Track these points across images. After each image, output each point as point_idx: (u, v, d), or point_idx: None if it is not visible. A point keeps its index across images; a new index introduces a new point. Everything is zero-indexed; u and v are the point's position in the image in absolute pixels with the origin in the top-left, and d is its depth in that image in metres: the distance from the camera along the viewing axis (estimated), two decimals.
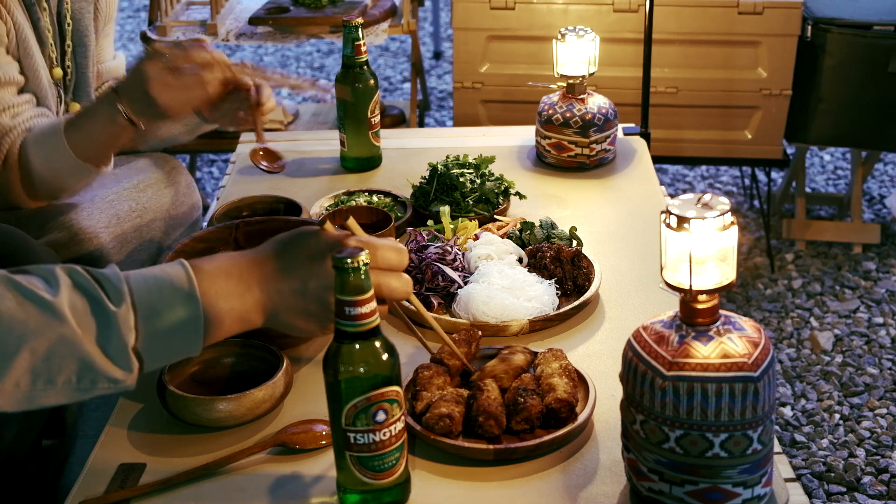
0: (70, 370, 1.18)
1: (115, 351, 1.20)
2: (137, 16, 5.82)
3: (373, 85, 2.14)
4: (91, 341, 1.18)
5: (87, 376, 1.19)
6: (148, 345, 1.22)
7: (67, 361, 1.17)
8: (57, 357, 1.17)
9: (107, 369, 1.20)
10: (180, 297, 1.23)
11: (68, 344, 1.17)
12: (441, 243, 1.79)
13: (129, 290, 1.21)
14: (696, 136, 3.21)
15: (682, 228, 1.18)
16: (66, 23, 1.88)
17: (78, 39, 1.90)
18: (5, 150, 1.77)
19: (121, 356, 1.20)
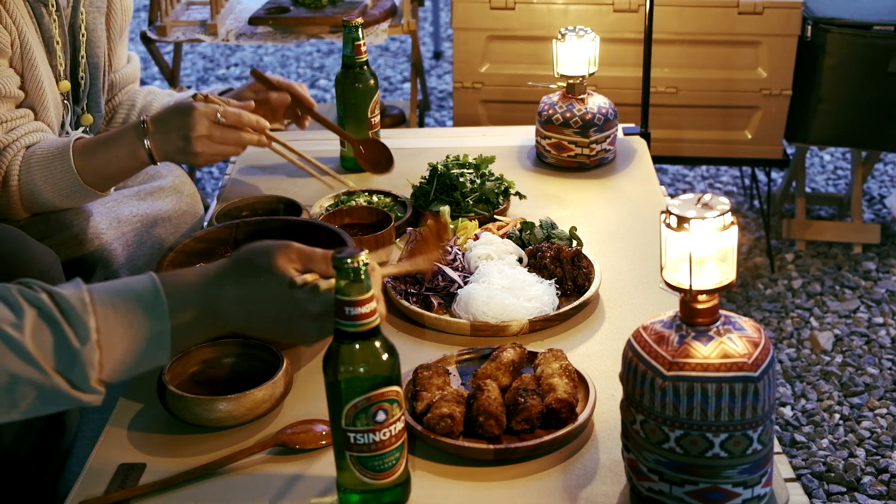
0: (32, 397, 1.18)
1: (80, 382, 1.19)
2: (137, 16, 5.82)
3: (373, 85, 2.14)
4: (56, 373, 1.18)
5: (51, 401, 1.19)
6: (114, 374, 1.22)
7: (30, 391, 1.17)
8: (20, 387, 1.16)
9: (71, 396, 1.19)
10: (149, 319, 1.21)
11: (32, 377, 1.17)
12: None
13: (95, 324, 1.19)
14: (696, 136, 3.21)
15: (682, 228, 1.18)
16: (80, 34, 1.87)
17: (91, 50, 1.89)
18: (4, 169, 1.74)
19: (85, 386, 1.20)
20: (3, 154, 1.74)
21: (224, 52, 5.25)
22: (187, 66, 5.07)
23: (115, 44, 1.97)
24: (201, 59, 5.18)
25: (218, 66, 5.09)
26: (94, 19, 1.89)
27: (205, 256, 1.69)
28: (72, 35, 1.86)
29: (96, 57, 1.91)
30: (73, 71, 1.88)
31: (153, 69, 5.04)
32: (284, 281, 1.24)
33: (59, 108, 1.85)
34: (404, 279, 1.73)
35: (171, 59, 3.63)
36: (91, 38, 1.89)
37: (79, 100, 1.91)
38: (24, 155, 1.75)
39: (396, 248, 1.87)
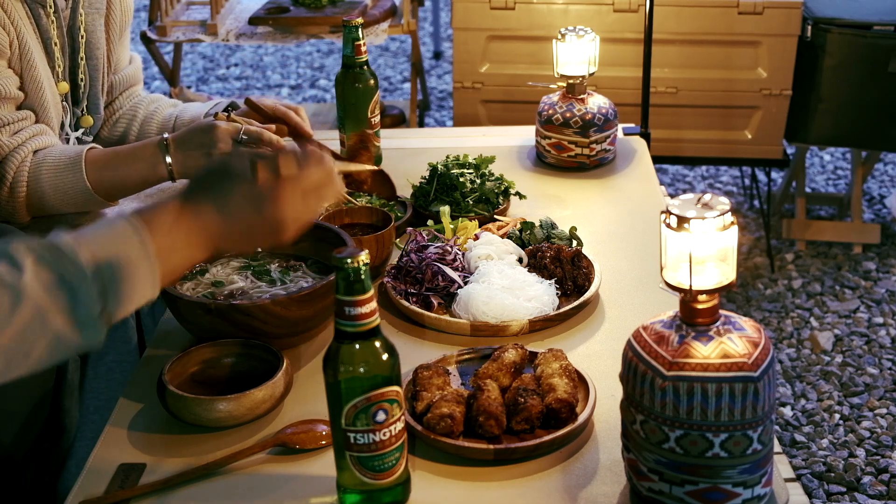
0: (41, 346, 1.18)
1: (84, 321, 1.18)
2: (137, 16, 5.82)
3: (373, 85, 2.14)
4: (60, 316, 1.17)
5: (58, 349, 1.19)
6: (113, 308, 1.20)
7: (39, 339, 1.17)
8: (29, 337, 1.16)
9: (77, 341, 1.19)
10: (135, 254, 1.21)
11: (38, 324, 1.16)
12: (441, 243, 1.79)
13: (88, 260, 1.19)
14: (696, 136, 3.21)
15: (682, 228, 1.18)
16: (79, 35, 1.86)
17: (90, 52, 1.89)
18: (12, 175, 1.73)
19: (89, 326, 1.19)
20: (11, 159, 1.73)
21: (224, 52, 5.26)
22: (187, 66, 5.07)
23: (115, 45, 1.97)
24: (201, 59, 5.18)
25: (218, 66, 5.10)
26: (92, 21, 1.89)
27: None
28: (70, 37, 1.86)
29: (95, 59, 1.90)
30: (72, 72, 1.88)
31: (153, 69, 5.04)
32: (248, 178, 1.26)
33: (58, 110, 1.84)
34: (404, 279, 1.73)
35: (171, 59, 3.63)
36: (90, 39, 1.88)
37: (78, 101, 1.91)
38: (32, 161, 1.75)
39: (397, 248, 1.87)
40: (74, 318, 1.18)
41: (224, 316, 1.50)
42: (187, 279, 1.65)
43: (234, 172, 1.28)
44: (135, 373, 1.59)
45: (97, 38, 1.90)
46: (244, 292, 1.61)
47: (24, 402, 1.62)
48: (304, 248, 1.71)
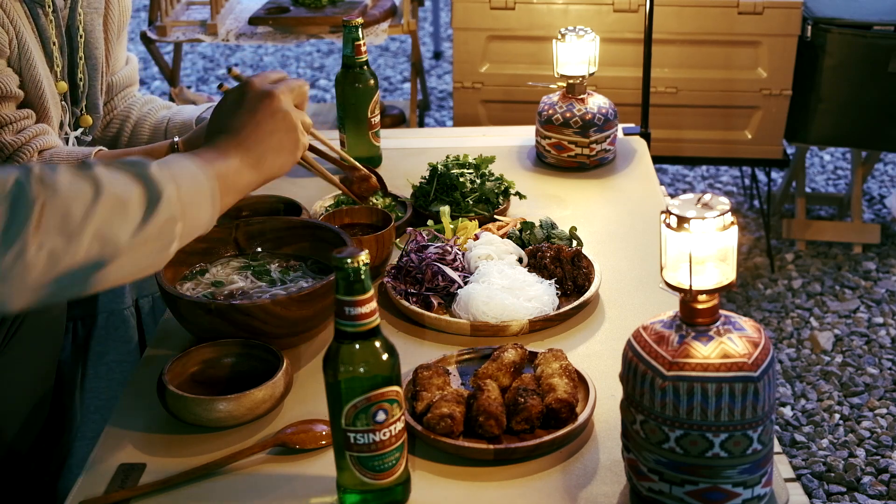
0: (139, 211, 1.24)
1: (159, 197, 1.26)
2: (137, 16, 5.82)
3: (373, 85, 2.14)
4: (137, 192, 1.25)
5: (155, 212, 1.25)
6: (185, 195, 1.29)
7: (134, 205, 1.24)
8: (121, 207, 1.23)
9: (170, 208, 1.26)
10: (187, 160, 1.33)
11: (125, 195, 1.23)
12: (441, 243, 1.79)
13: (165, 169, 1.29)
14: (696, 136, 3.21)
15: (682, 228, 1.18)
16: (78, 35, 1.86)
17: (88, 52, 1.89)
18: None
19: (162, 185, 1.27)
20: (16, 157, 1.73)
21: (224, 52, 5.26)
22: (187, 66, 5.07)
23: (113, 45, 1.97)
24: (201, 59, 5.18)
25: (218, 66, 5.10)
26: (91, 20, 1.89)
27: (205, 256, 1.69)
28: (69, 36, 1.86)
29: (94, 58, 1.90)
30: (70, 72, 1.88)
31: (153, 69, 5.04)
32: (223, 98, 1.46)
33: (58, 110, 1.84)
34: (404, 279, 1.73)
35: (171, 59, 3.63)
36: (89, 39, 1.88)
37: (77, 101, 1.91)
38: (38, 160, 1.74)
39: (397, 247, 1.87)
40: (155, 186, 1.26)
41: (224, 316, 1.50)
42: (187, 279, 1.65)
43: (227, 97, 1.46)
44: (135, 373, 1.59)
45: (95, 37, 1.90)
46: (244, 292, 1.61)
47: (26, 401, 1.62)
48: (304, 248, 1.71)
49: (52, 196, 1.19)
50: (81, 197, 1.20)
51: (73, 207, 1.19)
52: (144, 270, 1.28)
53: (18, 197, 1.18)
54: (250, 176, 1.40)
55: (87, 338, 1.87)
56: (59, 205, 1.19)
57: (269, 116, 1.42)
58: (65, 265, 1.19)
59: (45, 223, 1.18)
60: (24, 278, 1.17)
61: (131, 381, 1.57)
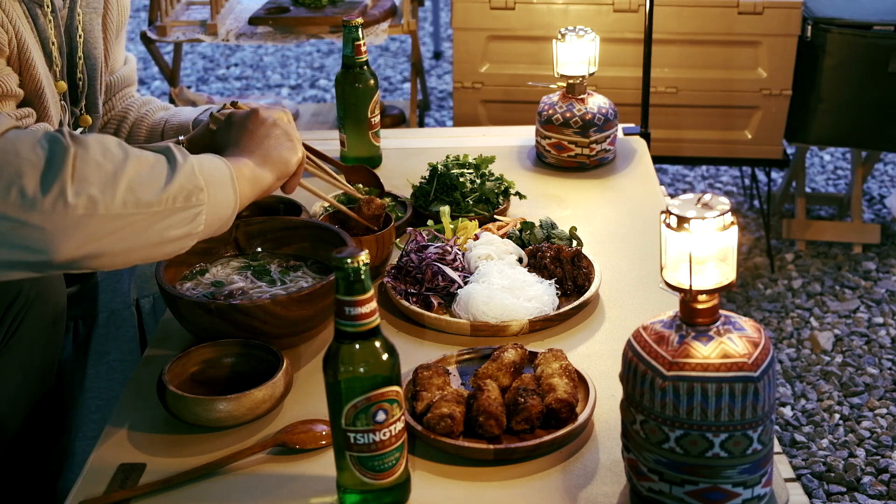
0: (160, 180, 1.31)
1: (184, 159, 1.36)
2: (137, 16, 5.82)
3: (373, 85, 2.14)
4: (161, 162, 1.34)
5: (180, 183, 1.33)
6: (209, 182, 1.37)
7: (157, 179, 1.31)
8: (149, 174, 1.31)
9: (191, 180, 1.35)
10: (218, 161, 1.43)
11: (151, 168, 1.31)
12: (441, 243, 1.79)
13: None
14: (696, 136, 3.21)
15: (682, 228, 1.18)
16: (77, 35, 1.86)
17: (87, 52, 1.89)
18: None
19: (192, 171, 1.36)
20: None
21: (224, 52, 5.25)
22: (187, 66, 5.07)
23: (112, 44, 1.96)
24: (201, 59, 5.18)
25: (218, 66, 5.10)
26: (90, 20, 1.88)
27: (205, 256, 1.69)
28: (68, 36, 1.85)
29: (93, 58, 1.90)
30: (70, 72, 1.87)
31: (153, 69, 5.04)
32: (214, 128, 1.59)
33: (57, 109, 1.84)
34: (404, 279, 1.73)
35: (171, 59, 3.63)
36: (88, 38, 1.88)
37: (77, 101, 1.90)
38: None
39: (397, 247, 1.87)
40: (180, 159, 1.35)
41: (224, 316, 1.50)
42: (187, 279, 1.65)
43: (218, 128, 1.59)
44: (135, 373, 1.59)
45: (94, 37, 1.90)
46: (244, 292, 1.61)
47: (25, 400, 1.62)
48: (304, 248, 1.71)
49: (83, 149, 1.25)
50: (110, 153, 1.28)
51: (104, 161, 1.26)
52: (177, 242, 1.35)
53: (54, 143, 1.24)
54: (262, 171, 1.50)
55: (88, 337, 1.87)
56: (91, 158, 1.25)
57: (258, 125, 1.55)
58: (103, 212, 1.25)
59: (80, 170, 1.23)
60: (65, 222, 1.21)
61: (131, 381, 1.57)
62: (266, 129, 1.55)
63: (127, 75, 2.07)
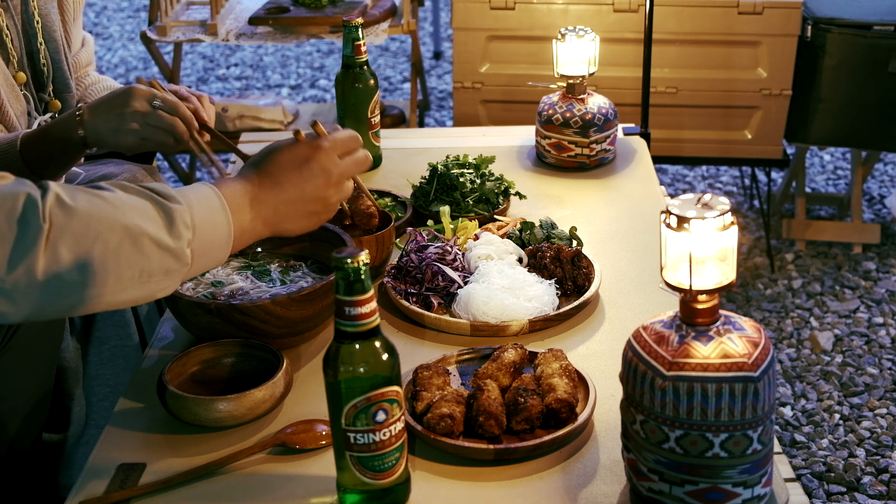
0: (132, 261, 1.23)
1: (174, 237, 1.25)
2: (137, 16, 5.82)
3: (373, 85, 2.14)
4: (155, 228, 1.24)
5: (147, 262, 1.24)
6: (200, 247, 1.29)
7: (136, 249, 1.23)
8: (125, 249, 1.22)
9: (168, 248, 1.25)
10: (218, 210, 1.32)
11: (133, 233, 1.23)
12: (441, 243, 1.79)
13: (182, 196, 1.29)
14: (696, 136, 3.21)
15: (682, 228, 1.18)
16: (35, 21, 1.85)
17: (48, 35, 1.88)
18: None
19: (179, 243, 1.26)
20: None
21: (224, 52, 5.26)
22: (187, 66, 5.07)
23: (70, 26, 1.96)
24: (201, 59, 5.18)
25: (218, 66, 5.10)
26: (45, 4, 1.87)
27: None
28: (26, 23, 1.84)
29: (54, 41, 1.89)
30: (33, 58, 1.86)
31: (153, 69, 5.04)
32: (291, 143, 1.40)
33: (19, 100, 1.82)
34: (404, 279, 1.73)
35: (171, 59, 3.64)
36: (45, 23, 1.87)
37: (44, 87, 1.89)
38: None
39: (397, 247, 1.87)
40: (170, 236, 1.25)
41: (224, 316, 1.50)
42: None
43: (277, 145, 1.41)
44: (135, 373, 1.59)
45: (52, 20, 1.88)
46: (244, 292, 1.61)
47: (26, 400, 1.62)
48: (304, 248, 1.71)
49: (60, 225, 1.19)
50: (92, 228, 1.21)
51: (83, 238, 1.20)
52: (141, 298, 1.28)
53: (28, 219, 1.18)
54: (262, 230, 1.39)
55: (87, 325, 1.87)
56: (69, 233, 1.19)
57: (310, 199, 1.40)
58: (75, 283, 1.20)
59: (53, 250, 1.18)
60: (30, 293, 1.18)
61: (131, 381, 1.57)
62: (310, 205, 1.40)
63: (84, 57, 2.06)
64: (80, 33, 2.05)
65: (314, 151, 1.39)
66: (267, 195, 1.37)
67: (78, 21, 2.00)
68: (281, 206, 1.38)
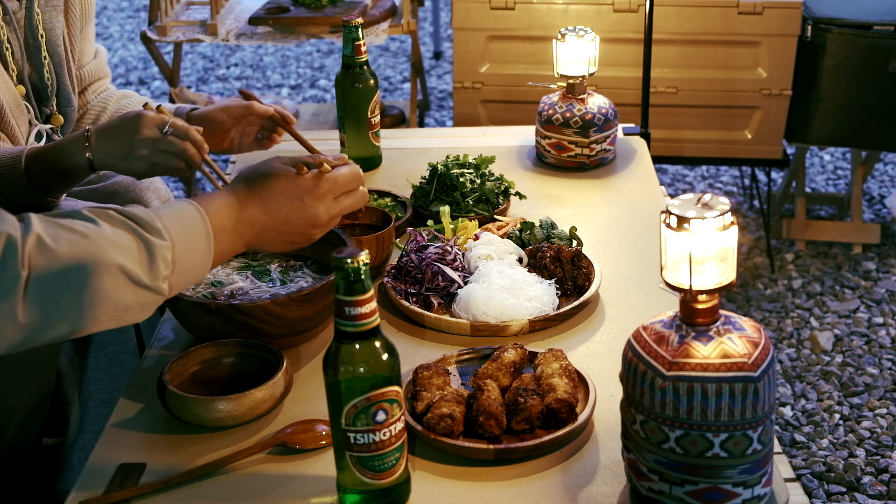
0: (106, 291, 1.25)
1: (152, 276, 1.29)
2: (137, 16, 5.82)
3: (373, 85, 2.14)
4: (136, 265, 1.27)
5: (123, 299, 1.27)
6: (179, 278, 1.33)
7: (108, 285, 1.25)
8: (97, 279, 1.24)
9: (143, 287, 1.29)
10: (201, 234, 1.35)
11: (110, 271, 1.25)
12: (441, 243, 1.79)
13: (165, 226, 1.31)
14: (696, 136, 3.21)
15: (682, 228, 1.18)
16: (38, 34, 1.84)
17: (52, 50, 1.87)
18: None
19: (156, 283, 1.29)
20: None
21: (224, 52, 5.25)
22: (187, 66, 5.07)
23: (77, 39, 1.94)
24: (201, 59, 5.18)
25: (218, 66, 5.10)
26: (50, 18, 1.86)
27: None
28: (30, 36, 1.83)
29: (58, 55, 1.87)
30: (37, 72, 1.85)
31: (153, 69, 5.04)
32: (291, 174, 1.44)
33: (21, 113, 1.81)
34: (404, 279, 1.73)
35: (171, 59, 3.63)
36: (50, 37, 1.86)
37: (47, 101, 1.88)
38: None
39: (397, 247, 1.87)
40: (149, 275, 1.28)
41: (224, 316, 1.50)
42: None
43: (276, 168, 1.44)
44: (135, 373, 1.59)
45: (56, 34, 1.87)
46: (244, 292, 1.61)
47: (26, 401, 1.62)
48: (304, 248, 1.71)
49: (39, 269, 1.21)
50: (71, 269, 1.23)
51: (60, 279, 1.22)
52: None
53: (4, 267, 1.19)
54: (241, 248, 1.45)
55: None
56: (47, 277, 1.21)
57: (295, 232, 1.45)
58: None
59: (32, 296, 1.21)
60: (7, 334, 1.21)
61: (131, 381, 1.57)
62: (295, 236, 1.46)
63: (98, 68, 2.04)
64: (92, 45, 2.04)
65: (311, 192, 1.44)
66: (253, 219, 1.42)
67: (87, 32, 1.98)
68: (264, 232, 1.43)
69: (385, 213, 1.87)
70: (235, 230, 1.40)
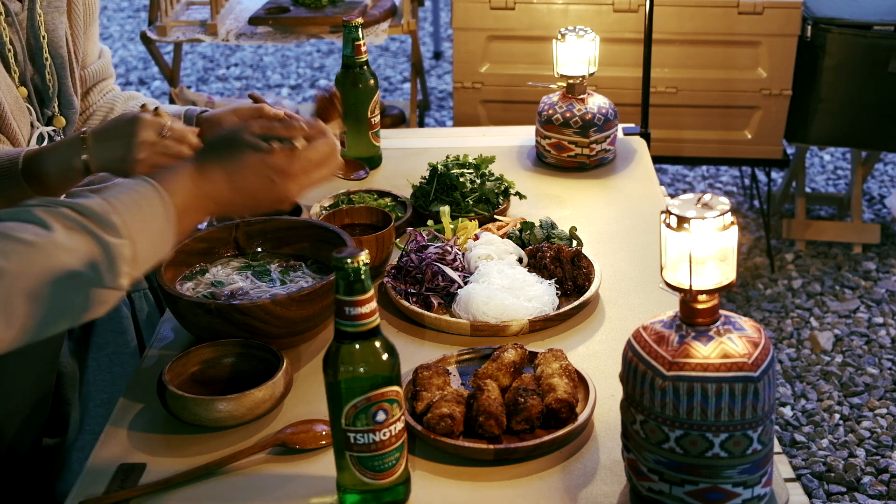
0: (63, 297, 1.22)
1: (112, 277, 1.24)
2: (137, 16, 5.82)
3: (373, 85, 2.14)
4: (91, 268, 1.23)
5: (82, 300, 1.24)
6: (140, 267, 1.29)
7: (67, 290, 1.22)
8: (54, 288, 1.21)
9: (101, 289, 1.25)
10: (161, 219, 1.31)
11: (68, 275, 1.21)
12: (441, 243, 1.79)
13: (122, 221, 1.26)
14: (696, 136, 3.21)
15: (682, 228, 1.18)
16: (41, 36, 1.84)
17: (54, 51, 1.86)
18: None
19: (115, 282, 1.25)
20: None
21: (224, 52, 5.26)
22: (187, 66, 5.07)
23: (80, 40, 1.94)
24: (201, 59, 5.18)
25: (218, 66, 5.10)
26: (53, 19, 1.85)
27: (205, 256, 1.69)
28: (33, 38, 1.83)
29: (60, 57, 1.87)
30: (39, 74, 1.85)
31: (153, 69, 5.04)
32: (261, 149, 1.38)
33: (23, 114, 1.81)
34: (404, 279, 1.73)
35: (171, 59, 3.64)
36: (52, 38, 1.85)
37: (49, 102, 1.88)
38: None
39: (397, 247, 1.87)
40: (108, 276, 1.24)
41: (224, 316, 1.50)
42: (187, 279, 1.65)
43: (246, 143, 1.39)
44: (135, 373, 1.59)
45: (59, 36, 1.87)
46: (244, 292, 1.61)
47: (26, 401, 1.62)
48: (304, 248, 1.71)
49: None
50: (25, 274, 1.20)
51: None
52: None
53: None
54: (201, 221, 1.43)
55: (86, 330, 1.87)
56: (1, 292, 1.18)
57: (262, 205, 1.41)
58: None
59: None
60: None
61: (131, 381, 1.57)
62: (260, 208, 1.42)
63: (102, 68, 2.04)
64: (96, 45, 2.03)
65: (282, 172, 1.38)
66: (219, 194, 1.37)
67: (90, 33, 1.98)
68: (229, 205, 1.40)
69: (385, 213, 1.87)
70: (199, 207, 1.36)
